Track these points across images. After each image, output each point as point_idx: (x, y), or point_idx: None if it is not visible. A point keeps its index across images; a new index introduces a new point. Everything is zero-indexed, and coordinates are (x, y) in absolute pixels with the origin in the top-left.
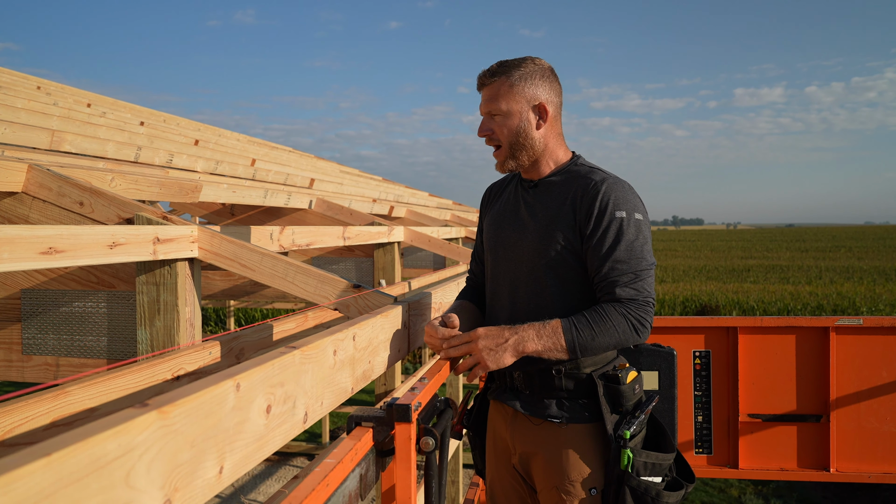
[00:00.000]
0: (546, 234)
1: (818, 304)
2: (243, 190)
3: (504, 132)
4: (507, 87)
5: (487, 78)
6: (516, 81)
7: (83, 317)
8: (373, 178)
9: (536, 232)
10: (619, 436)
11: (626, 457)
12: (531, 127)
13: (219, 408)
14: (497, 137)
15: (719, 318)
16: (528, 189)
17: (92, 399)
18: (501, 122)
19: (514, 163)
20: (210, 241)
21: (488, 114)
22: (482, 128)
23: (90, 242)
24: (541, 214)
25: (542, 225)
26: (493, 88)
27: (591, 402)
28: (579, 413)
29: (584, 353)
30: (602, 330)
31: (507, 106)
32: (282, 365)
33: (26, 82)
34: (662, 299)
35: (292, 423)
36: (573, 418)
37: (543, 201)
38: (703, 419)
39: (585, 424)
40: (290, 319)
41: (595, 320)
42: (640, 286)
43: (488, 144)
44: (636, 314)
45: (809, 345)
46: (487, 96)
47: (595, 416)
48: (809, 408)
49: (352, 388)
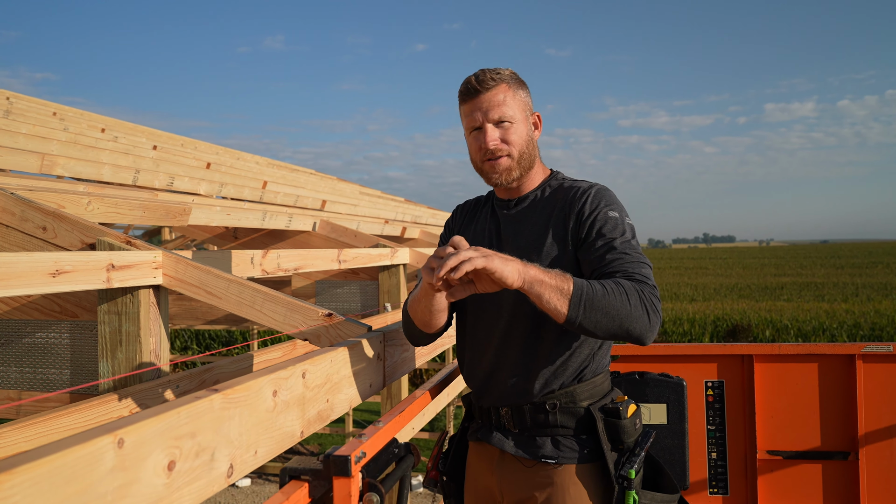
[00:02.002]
0: (536, 250)
1: (855, 323)
2: (239, 212)
3: (515, 139)
4: (512, 94)
5: (489, 82)
6: (516, 88)
7: (46, 348)
8: (393, 199)
9: (525, 250)
10: (623, 476)
11: (632, 499)
12: (532, 136)
13: (89, 470)
14: (507, 146)
15: (733, 346)
16: (509, 209)
17: (28, 441)
18: (512, 129)
19: (518, 173)
20: (175, 267)
21: (497, 121)
22: (491, 137)
23: (27, 271)
24: (527, 232)
25: (531, 241)
26: (498, 94)
27: (590, 438)
28: (576, 452)
29: (586, 316)
30: (614, 294)
31: (514, 112)
32: (192, 412)
33: (43, 108)
34: (693, 318)
35: (209, 478)
36: (570, 458)
37: (530, 217)
38: (717, 456)
39: (584, 464)
40: (277, 348)
41: (606, 284)
42: (647, 274)
43: (495, 156)
44: (650, 298)
45: (833, 374)
46: (493, 102)
47: (594, 454)
48: (835, 444)
49: (301, 432)
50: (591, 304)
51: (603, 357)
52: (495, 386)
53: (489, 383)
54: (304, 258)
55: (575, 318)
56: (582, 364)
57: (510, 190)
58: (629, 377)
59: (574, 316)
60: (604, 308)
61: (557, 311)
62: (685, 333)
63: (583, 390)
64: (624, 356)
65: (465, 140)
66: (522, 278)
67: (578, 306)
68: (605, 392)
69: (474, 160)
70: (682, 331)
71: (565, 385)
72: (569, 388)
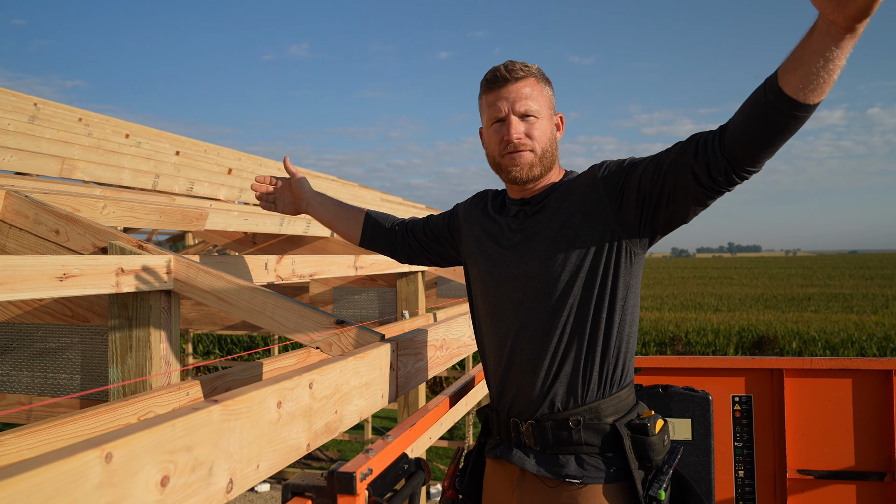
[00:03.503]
0: (554, 245)
1: (885, 335)
2: (257, 217)
3: (539, 135)
4: (539, 89)
5: (518, 72)
6: (543, 84)
7: (56, 353)
8: (415, 206)
9: (540, 246)
10: (653, 496)
11: None
12: (555, 136)
13: (73, 487)
14: (530, 141)
15: (762, 359)
16: (520, 208)
17: (32, 449)
18: (537, 124)
19: (539, 171)
20: (186, 272)
21: (522, 114)
22: (516, 129)
23: (33, 274)
24: (541, 229)
25: (548, 236)
26: (525, 86)
27: (616, 456)
28: (602, 471)
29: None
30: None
31: (540, 107)
32: (189, 425)
33: (70, 114)
34: (717, 329)
35: (206, 494)
36: (595, 477)
37: (543, 215)
38: (744, 474)
39: (610, 484)
40: (292, 355)
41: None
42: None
43: (517, 150)
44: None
45: (869, 390)
46: (521, 94)
47: (621, 473)
48: (871, 464)
49: (307, 445)
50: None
51: (627, 369)
52: (510, 395)
53: (503, 395)
54: (319, 264)
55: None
56: (605, 376)
57: (524, 189)
58: (652, 390)
59: None
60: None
61: None
62: (709, 344)
63: (608, 405)
64: (647, 368)
65: (481, 138)
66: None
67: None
68: (630, 406)
69: (492, 154)
70: (707, 341)
71: (588, 400)
72: (593, 403)
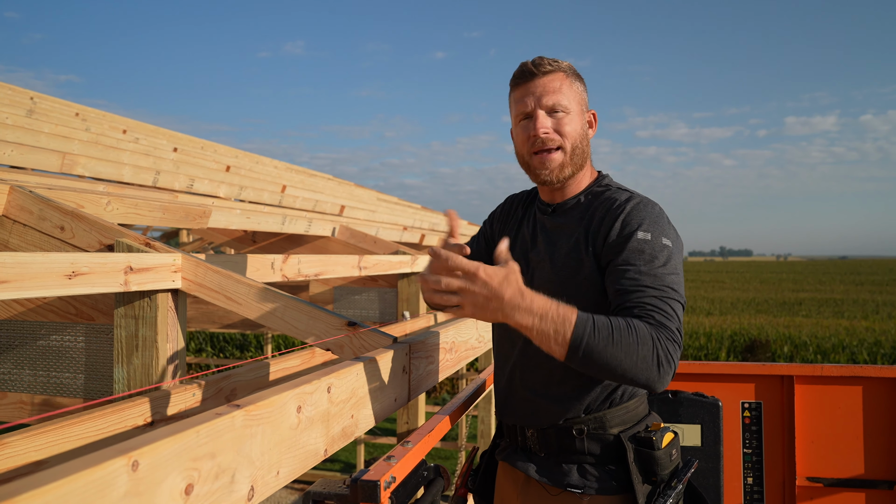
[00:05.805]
0: (569, 269)
1: (875, 340)
2: (259, 216)
3: (569, 131)
4: (569, 83)
5: (546, 66)
6: (573, 79)
7: (60, 351)
8: (411, 205)
9: (560, 268)
10: None
11: None
12: (587, 133)
13: (100, 497)
14: (559, 137)
15: (772, 366)
16: (549, 215)
17: (39, 451)
18: (566, 120)
19: (570, 171)
20: (194, 270)
21: (550, 109)
22: (542, 125)
23: (42, 272)
24: (563, 245)
25: (564, 257)
26: (554, 80)
27: (620, 468)
28: (604, 482)
29: (585, 366)
30: (622, 342)
31: (570, 103)
32: (212, 431)
33: (66, 109)
34: (709, 332)
35: (228, 502)
36: (597, 488)
37: (566, 228)
38: (753, 481)
39: (612, 496)
40: (296, 356)
41: (618, 328)
42: (670, 313)
43: (545, 146)
44: (665, 345)
45: (879, 398)
46: (548, 88)
47: (624, 486)
48: (880, 472)
49: (325, 451)
50: (591, 355)
51: None
52: (513, 403)
53: (508, 400)
54: (324, 264)
55: (571, 362)
56: (611, 385)
57: (554, 192)
58: (662, 395)
59: (571, 362)
60: (604, 360)
61: (553, 354)
62: (701, 348)
63: (614, 416)
64: None
65: (512, 139)
66: (507, 318)
67: (575, 354)
68: (639, 417)
69: (521, 153)
70: (699, 345)
71: (593, 409)
72: (598, 412)
